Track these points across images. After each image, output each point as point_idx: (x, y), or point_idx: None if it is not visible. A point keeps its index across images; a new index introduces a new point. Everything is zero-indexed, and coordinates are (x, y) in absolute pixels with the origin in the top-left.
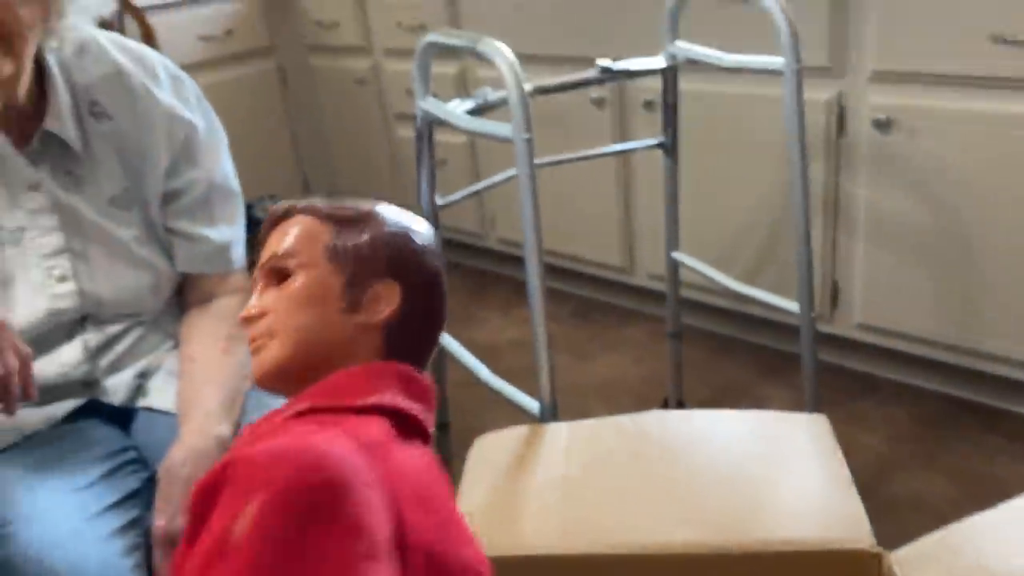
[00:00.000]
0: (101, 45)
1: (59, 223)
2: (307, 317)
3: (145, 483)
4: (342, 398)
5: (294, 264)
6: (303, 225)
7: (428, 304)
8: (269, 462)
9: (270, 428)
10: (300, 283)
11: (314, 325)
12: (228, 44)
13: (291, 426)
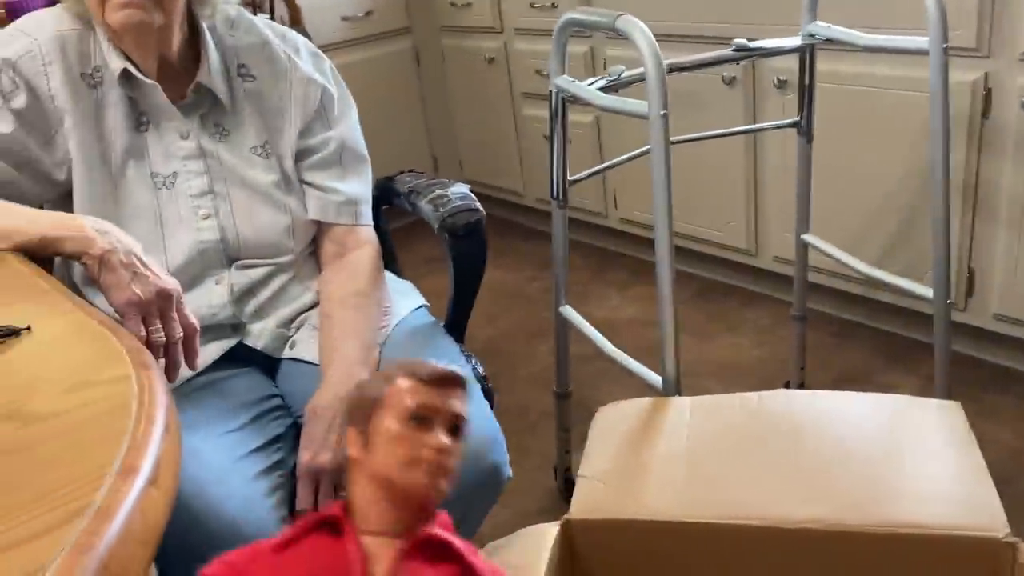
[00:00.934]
0: (250, 20)
1: (205, 167)
2: None
3: (288, 429)
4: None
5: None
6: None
7: None
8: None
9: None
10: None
11: None
12: (368, 25)
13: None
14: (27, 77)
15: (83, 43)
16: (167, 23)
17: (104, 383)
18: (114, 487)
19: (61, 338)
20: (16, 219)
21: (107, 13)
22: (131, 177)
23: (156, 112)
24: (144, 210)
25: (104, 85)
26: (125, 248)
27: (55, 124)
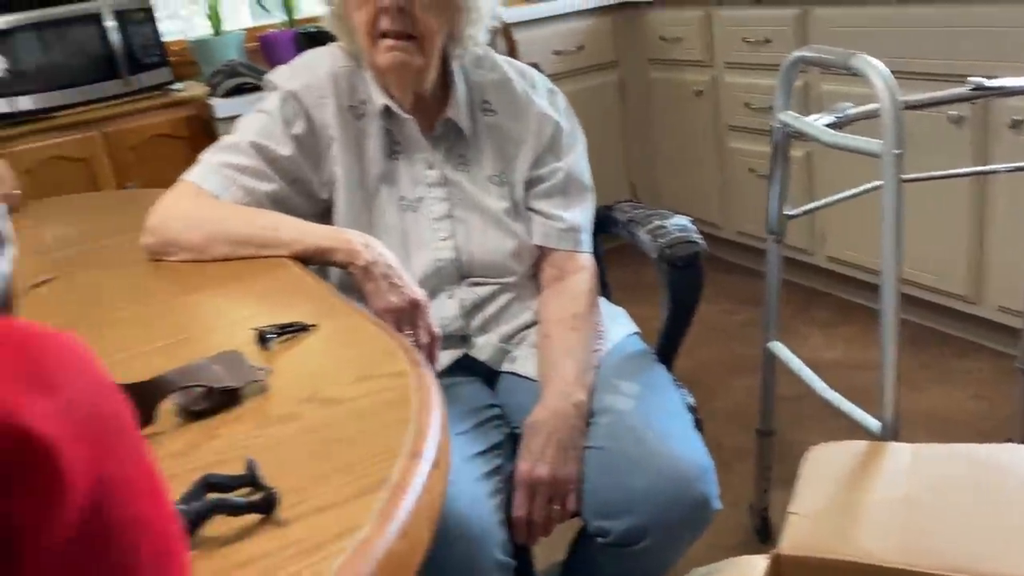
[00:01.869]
0: (495, 59)
1: (446, 194)
2: None
3: (506, 438)
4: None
5: None
6: None
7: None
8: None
9: None
10: None
11: None
12: (578, 58)
13: None
14: (307, 107)
15: (352, 79)
16: (426, 65)
17: (385, 376)
18: (405, 467)
19: (343, 335)
20: (295, 230)
21: (376, 55)
22: (383, 199)
23: (408, 143)
24: (392, 229)
25: (367, 117)
26: (385, 261)
27: (324, 149)
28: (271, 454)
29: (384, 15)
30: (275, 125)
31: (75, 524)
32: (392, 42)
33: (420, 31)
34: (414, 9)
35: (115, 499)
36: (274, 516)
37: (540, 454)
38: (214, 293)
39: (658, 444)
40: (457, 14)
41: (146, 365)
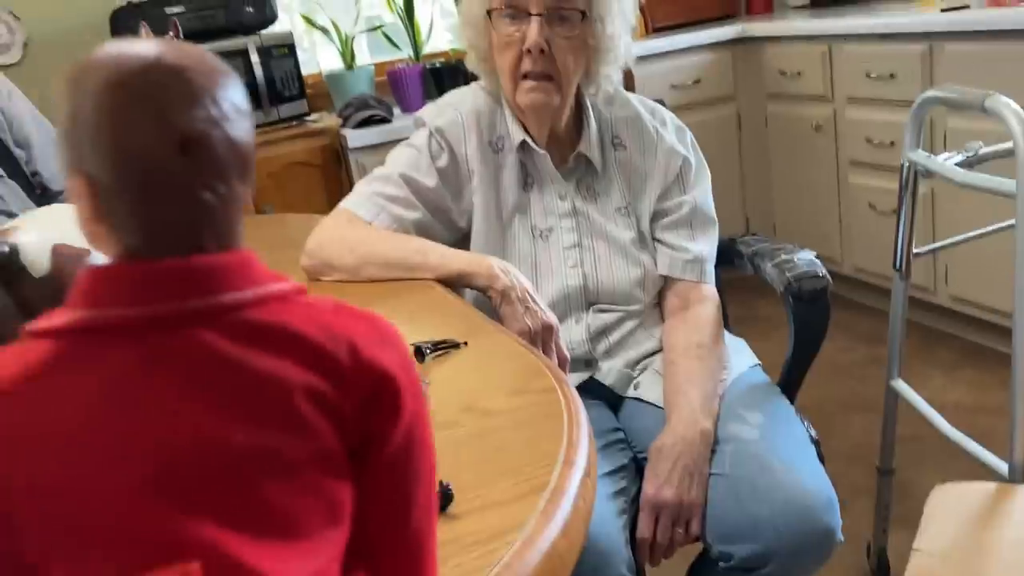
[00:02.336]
0: (626, 96)
1: (575, 224)
2: None
3: (630, 461)
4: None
5: None
6: None
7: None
8: None
9: None
10: None
11: None
12: (695, 92)
13: None
14: (450, 142)
15: (492, 116)
16: (563, 103)
17: (535, 391)
18: (562, 473)
19: (491, 353)
20: (440, 256)
21: (518, 95)
22: (516, 228)
23: (542, 175)
24: (524, 256)
25: (504, 151)
26: (521, 286)
27: (465, 181)
28: (439, 455)
29: (526, 57)
30: (422, 158)
31: (400, 438)
32: (533, 83)
33: (558, 72)
34: (554, 51)
35: (418, 426)
36: (447, 511)
37: (666, 478)
38: (371, 310)
39: (783, 473)
40: (594, 55)
41: None
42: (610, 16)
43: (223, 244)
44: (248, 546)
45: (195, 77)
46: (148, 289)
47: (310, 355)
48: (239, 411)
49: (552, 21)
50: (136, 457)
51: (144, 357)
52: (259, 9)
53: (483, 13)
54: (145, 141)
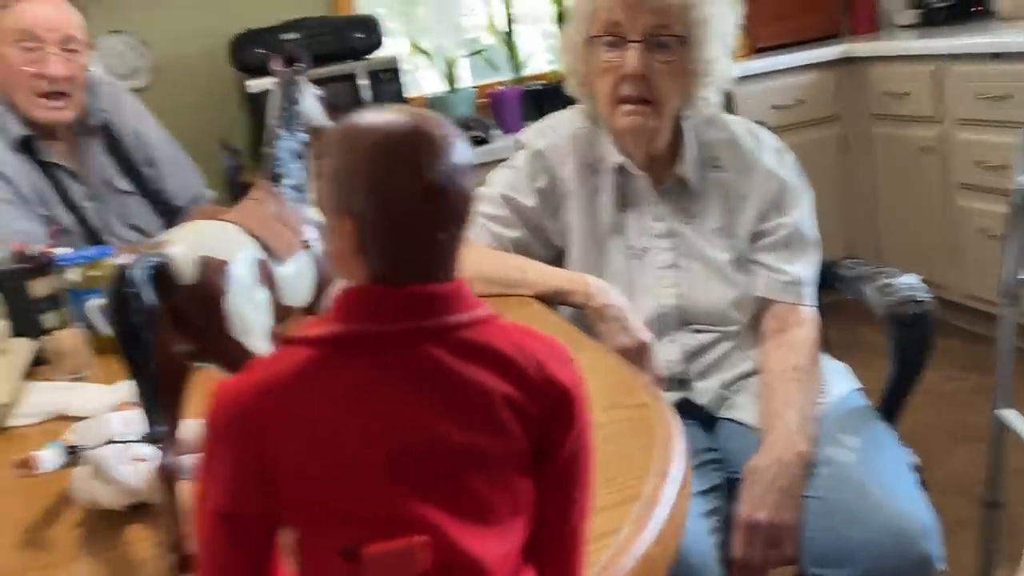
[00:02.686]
0: (725, 119)
1: (671, 245)
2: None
3: (724, 482)
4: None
5: None
6: None
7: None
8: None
9: None
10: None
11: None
12: (797, 112)
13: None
14: (550, 164)
15: (590, 138)
16: (660, 127)
17: (630, 406)
18: (656, 485)
19: (588, 367)
20: (539, 273)
21: (616, 119)
22: (612, 248)
23: (638, 196)
24: (619, 275)
25: (601, 173)
26: (618, 304)
27: (562, 201)
28: None
29: (625, 82)
30: (521, 179)
31: (572, 444)
32: (631, 107)
33: (656, 96)
34: (652, 76)
35: (586, 435)
36: None
37: (761, 499)
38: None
39: (880, 498)
40: (692, 79)
41: None
42: (709, 41)
43: (448, 275)
44: (459, 528)
45: (438, 141)
46: (392, 309)
47: (507, 369)
48: (457, 414)
49: (651, 47)
50: (376, 446)
51: (385, 365)
52: (367, 35)
53: (582, 40)
54: (402, 190)
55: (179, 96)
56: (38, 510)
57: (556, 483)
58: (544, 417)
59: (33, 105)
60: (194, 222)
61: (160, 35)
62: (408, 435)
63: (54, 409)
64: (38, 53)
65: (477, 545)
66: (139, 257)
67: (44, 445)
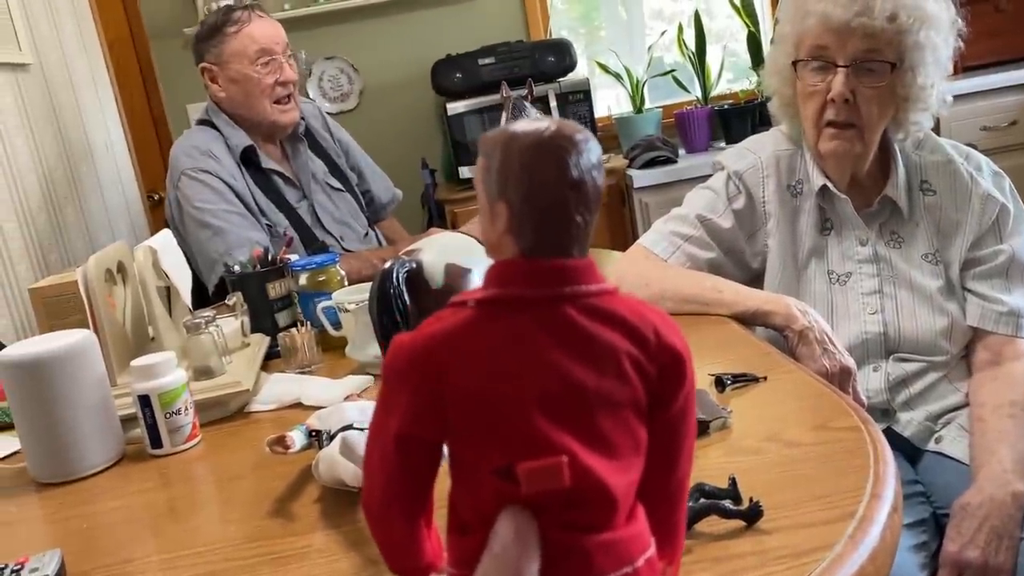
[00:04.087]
0: (936, 141)
1: (876, 271)
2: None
3: (930, 516)
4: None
5: None
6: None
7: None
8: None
9: None
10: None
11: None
12: (1010, 135)
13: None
14: (748, 186)
15: (792, 160)
16: (865, 152)
17: (839, 429)
18: (869, 505)
19: (791, 388)
20: (735, 293)
21: (820, 142)
22: (811, 271)
23: (841, 220)
24: (819, 299)
25: (802, 196)
26: (820, 327)
27: (759, 223)
28: (743, 477)
29: (831, 106)
30: (719, 201)
31: (681, 401)
32: (835, 131)
33: (862, 121)
34: (859, 101)
35: (691, 396)
36: (756, 526)
37: (971, 538)
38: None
39: None
40: (903, 104)
41: None
42: (923, 66)
43: (582, 252)
44: (591, 456)
45: (578, 143)
46: (537, 277)
47: (630, 331)
48: (589, 363)
49: (859, 72)
50: (527, 384)
51: (533, 321)
52: (559, 58)
53: (789, 63)
54: (550, 181)
55: (384, 117)
56: (283, 485)
57: (666, 434)
58: (659, 375)
59: (274, 113)
60: (439, 233)
61: (369, 61)
62: (551, 377)
63: (288, 398)
64: (274, 64)
65: (604, 472)
66: (397, 262)
67: (291, 428)
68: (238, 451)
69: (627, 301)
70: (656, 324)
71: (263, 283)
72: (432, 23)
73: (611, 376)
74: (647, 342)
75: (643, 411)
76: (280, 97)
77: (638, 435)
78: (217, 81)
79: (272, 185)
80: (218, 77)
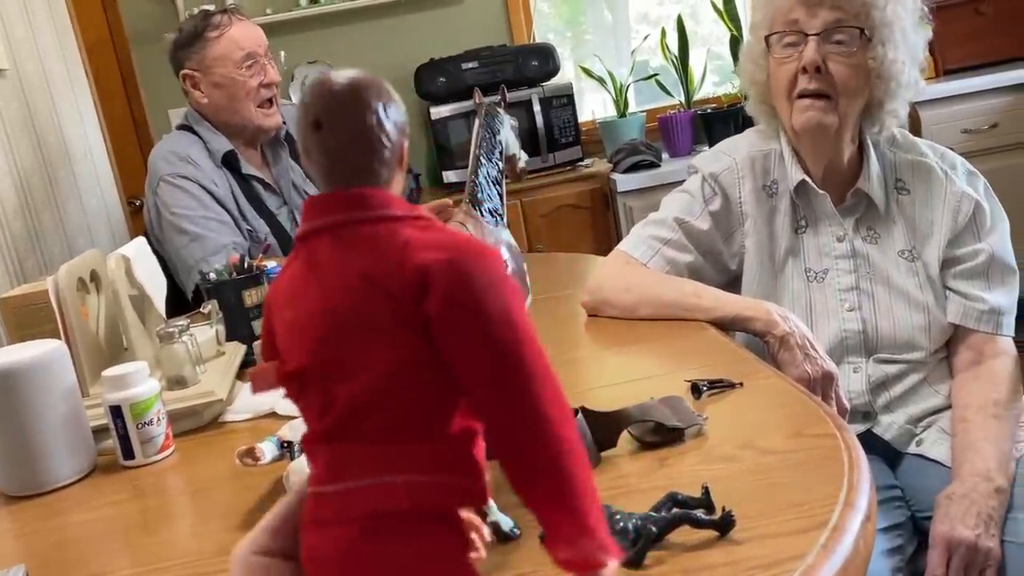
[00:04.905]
0: (912, 140)
1: (853, 266)
2: None
3: (907, 520)
4: None
5: None
6: None
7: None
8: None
9: None
10: None
11: None
12: (991, 137)
13: None
14: (724, 187)
15: (767, 161)
16: (840, 125)
17: (814, 436)
18: (843, 514)
19: (768, 395)
20: (714, 299)
21: (793, 115)
22: (789, 271)
23: (817, 216)
24: (798, 299)
25: (778, 195)
26: (801, 332)
27: (736, 224)
28: (718, 485)
29: (802, 76)
30: (695, 203)
31: (442, 319)
32: (808, 102)
33: (836, 90)
34: (831, 70)
35: (447, 308)
36: (728, 535)
37: (961, 518)
38: (648, 347)
39: None
40: (876, 81)
41: (606, 399)
42: (892, 43)
43: (352, 184)
44: (341, 377)
45: (326, 85)
46: (319, 209)
47: (378, 255)
48: (332, 289)
49: (829, 40)
50: (290, 312)
51: (303, 252)
52: (543, 62)
53: (762, 45)
54: (306, 124)
55: None
56: (255, 497)
57: (458, 362)
58: (411, 295)
59: (258, 116)
60: None
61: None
62: (303, 302)
63: (262, 408)
64: (258, 66)
65: (357, 389)
66: None
67: (262, 439)
68: (212, 462)
69: (395, 227)
70: (407, 240)
71: (239, 290)
72: (415, 27)
73: (359, 299)
74: (392, 263)
75: (406, 320)
76: (263, 100)
77: (411, 345)
78: (199, 87)
79: (253, 191)
80: (200, 83)
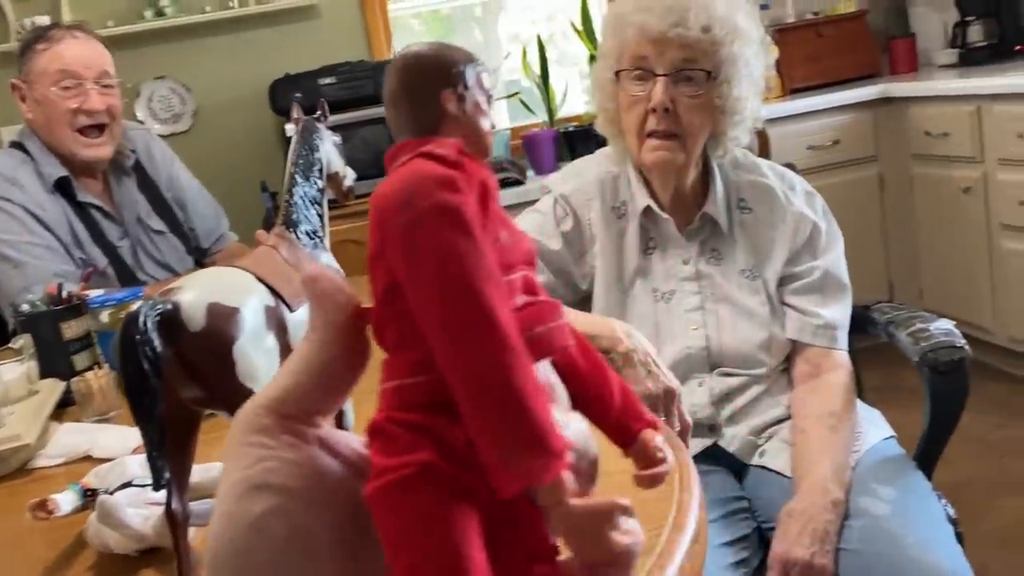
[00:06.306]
0: (754, 161)
1: (698, 288)
2: None
3: (753, 531)
4: None
5: None
6: None
7: None
8: None
9: None
10: None
11: None
12: (834, 153)
13: None
14: (575, 208)
15: (616, 183)
16: (687, 162)
17: None
18: (670, 538)
19: None
20: None
21: (643, 153)
22: (637, 291)
23: (664, 239)
24: (645, 319)
25: (627, 216)
26: (644, 349)
27: (588, 245)
28: None
29: (652, 116)
30: (547, 223)
31: (388, 253)
32: (657, 142)
33: (684, 130)
34: (679, 111)
35: (388, 236)
36: None
37: (797, 539)
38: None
39: (917, 551)
40: (720, 116)
41: None
42: (737, 79)
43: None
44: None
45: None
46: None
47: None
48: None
49: (678, 81)
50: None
51: None
52: None
53: (611, 76)
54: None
55: (220, 139)
56: (57, 552)
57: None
58: (373, 226)
59: (75, 143)
60: (208, 269)
61: (202, 81)
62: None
63: (80, 450)
64: (78, 90)
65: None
66: (147, 304)
67: (64, 488)
68: (16, 514)
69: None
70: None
71: (56, 322)
72: (269, 42)
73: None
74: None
75: (386, 259)
76: (83, 127)
77: (388, 278)
78: (26, 101)
79: (90, 218)
80: (27, 96)
